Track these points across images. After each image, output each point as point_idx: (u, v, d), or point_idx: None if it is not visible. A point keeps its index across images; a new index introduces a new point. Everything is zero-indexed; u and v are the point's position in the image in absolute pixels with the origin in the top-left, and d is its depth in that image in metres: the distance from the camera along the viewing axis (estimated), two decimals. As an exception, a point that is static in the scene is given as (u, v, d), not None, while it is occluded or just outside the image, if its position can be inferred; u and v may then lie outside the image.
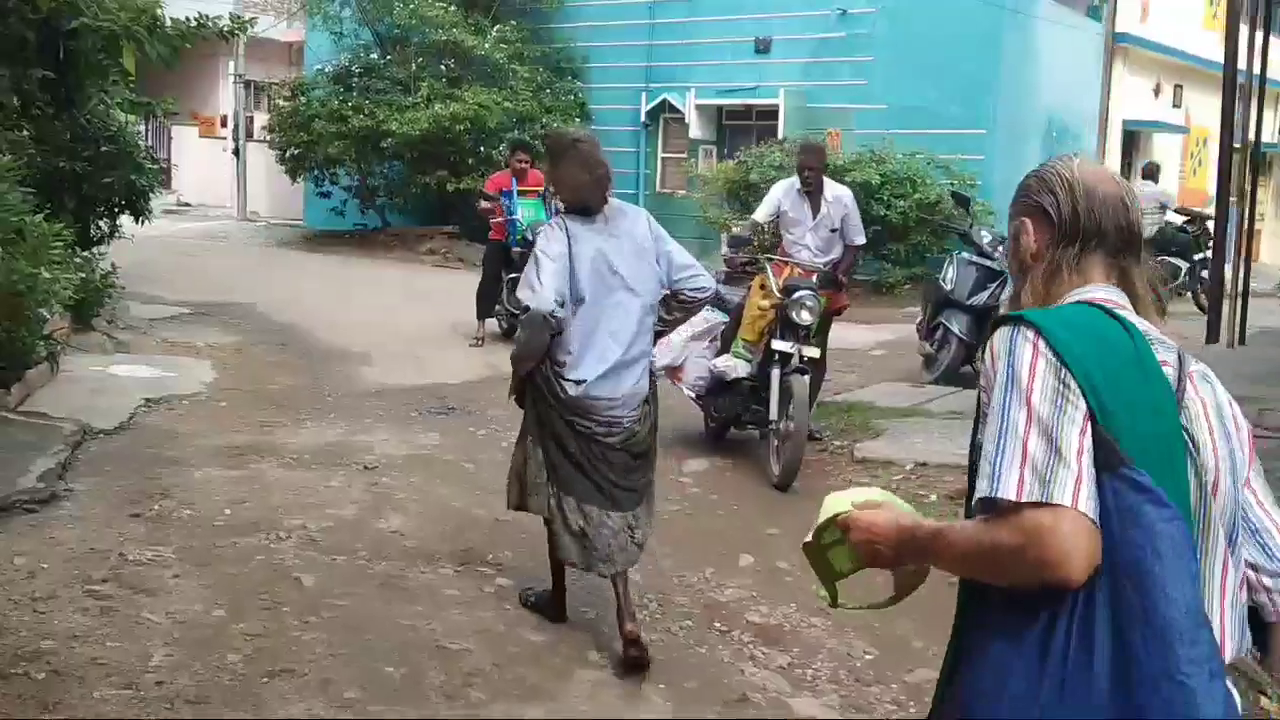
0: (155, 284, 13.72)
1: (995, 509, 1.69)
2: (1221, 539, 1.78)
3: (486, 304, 11.00)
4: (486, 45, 19.04)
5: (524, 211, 10.47)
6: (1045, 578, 1.63)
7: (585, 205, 4.23)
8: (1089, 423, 1.68)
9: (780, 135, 17.94)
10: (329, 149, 19.16)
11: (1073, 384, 1.69)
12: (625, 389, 4.20)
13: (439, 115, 18.15)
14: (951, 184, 15.47)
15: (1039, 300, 1.92)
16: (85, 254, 9.11)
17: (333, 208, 20.93)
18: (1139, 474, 1.66)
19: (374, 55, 19.79)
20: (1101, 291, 1.88)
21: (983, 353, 1.88)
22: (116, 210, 9.75)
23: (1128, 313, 1.85)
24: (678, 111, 19.61)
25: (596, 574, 4.32)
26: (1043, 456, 1.66)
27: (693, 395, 7.30)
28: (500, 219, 10.70)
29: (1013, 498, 1.65)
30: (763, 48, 18.96)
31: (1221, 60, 10.25)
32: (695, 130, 19.19)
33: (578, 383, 4.12)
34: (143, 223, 9.85)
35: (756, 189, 15.64)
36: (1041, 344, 1.73)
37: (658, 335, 4.53)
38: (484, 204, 11.02)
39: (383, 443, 7.02)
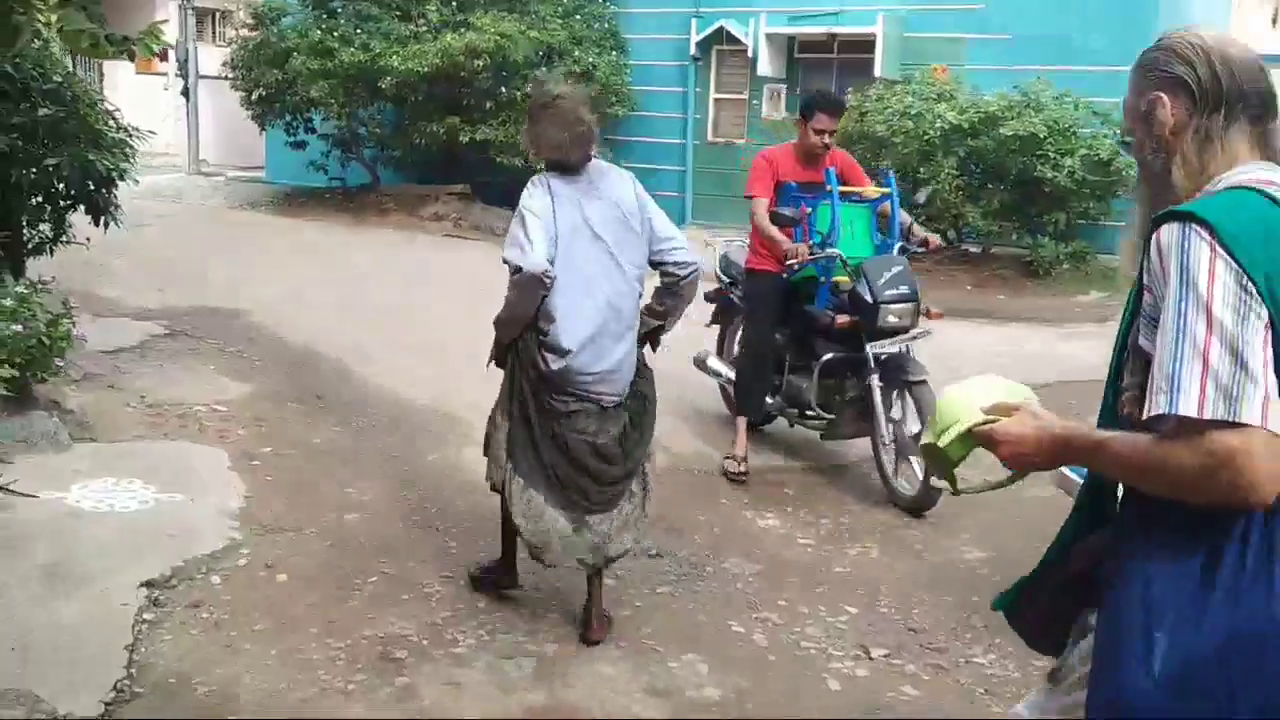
0: (106, 277, 10.15)
1: (1172, 425, 1.57)
2: None
3: (756, 392, 6.10)
4: (505, -40, 15.31)
5: (843, 231, 5.80)
6: (1233, 501, 1.55)
7: (565, 163, 3.89)
8: (1269, 332, 1.55)
9: (878, 72, 14.56)
10: (310, 90, 15.39)
11: (1253, 289, 1.55)
12: (609, 362, 3.87)
13: (450, 48, 14.49)
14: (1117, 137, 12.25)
15: (1193, 176, 1.79)
16: (19, 287, 5.52)
17: (311, 161, 17.16)
18: None
19: (365, -28, 15.90)
20: (1258, 170, 1.75)
21: (1147, 250, 1.71)
22: (65, 207, 6.16)
23: None
24: (738, 43, 16.05)
25: (545, 564, 4.03)
26: (1227, 370, 1.54)
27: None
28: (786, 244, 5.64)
29: (1194, 414, 1.54)
30: (848, -37, 15.45)
31: None
32: (764, 65, 15.66)
33: (562, 354, 3.81)
34: (107, 226, 6.30)
35: (884, 145, 12.31)
36: (1219, 245, 1.58)
37: (652, 334, 4.10)
38: (773, 225, 5.64)
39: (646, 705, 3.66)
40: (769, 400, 6.14)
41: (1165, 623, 1.62)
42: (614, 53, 16.36)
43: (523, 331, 3.88)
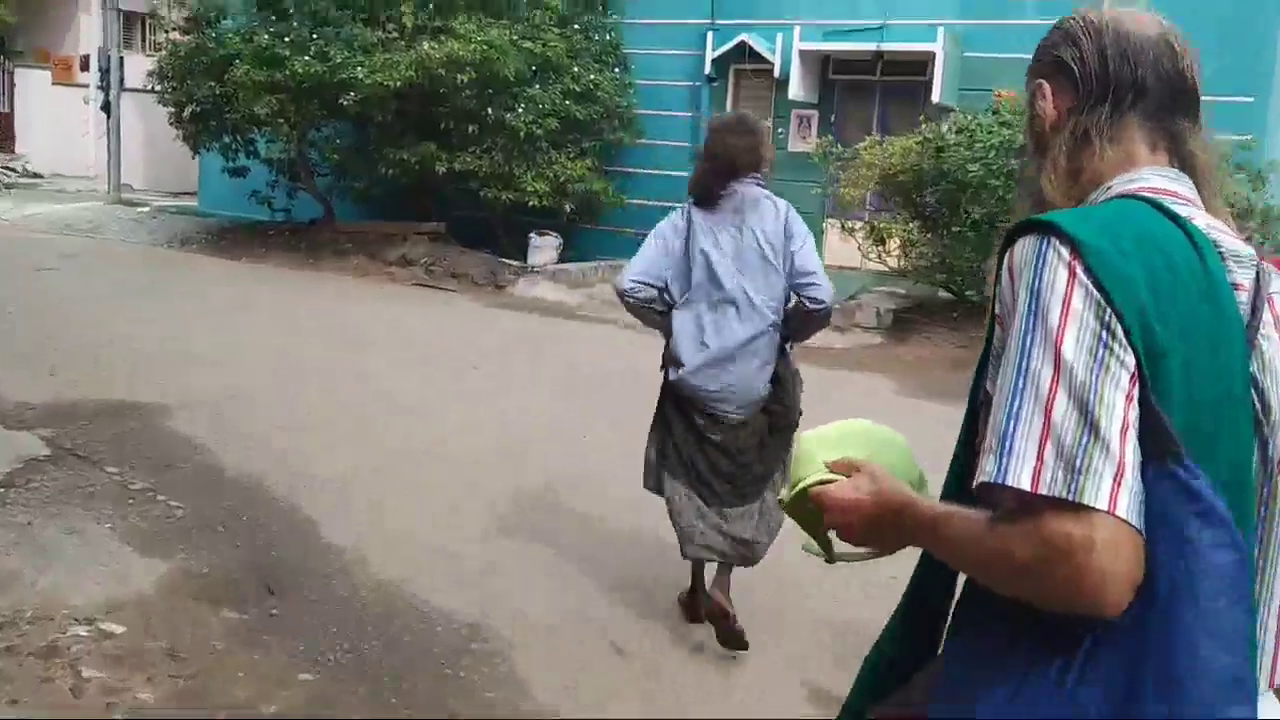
0: (-22, 354, 7.53)
1: (1003, 499, 1.24)
2: None
3: None
4: (493, -44, 12.82)
5: None
6: (1074, 605, 1.19)
7: (703, 193, 4.08)
8: (1137, 386, 1.21)
9: (936, 96, 12.30)
10: (254, 106, 12.77)
11: (1119, 330, 1.22)
12: (725, 384, 4.01)
13: (428, 58, 11.98)
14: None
15: (1063, 183, 1.46)
16: None
17: (253, 190, 14.55)
18: (1192, 473, 1.21)
19: (322, -33, 13.29)
20: (1157, 177, 1.41)
21: (999, 267, 1.36)
22: None
23: (1193, 210, 1.38)
24: (762, 61, 13.72)
25: (682, 555, 4.18)
26: (1073, 433, 1.20)
27: None
28: None
29: (1027, 487, 1.20)
30: (896, -31, 13.19)
31: None
32: (795, 87, 13.31)
33: (678, 367, 4.04)
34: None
35: (971, 188, 9.93)
36: (1079, 267, 1.24)
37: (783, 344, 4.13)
38: None
39: None
40: None
41: None
42: (617, 70, 13.95)
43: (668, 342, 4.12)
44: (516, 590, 4.64)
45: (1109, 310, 1.22)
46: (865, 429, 1.66)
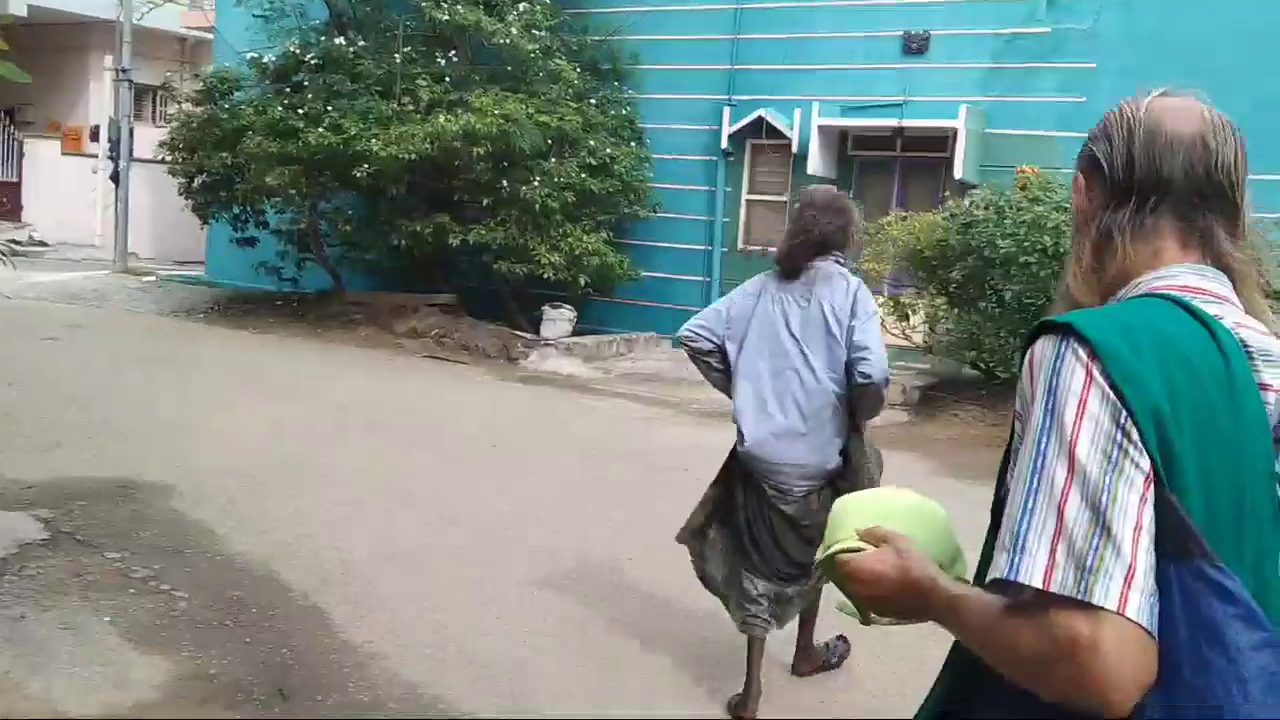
0: (-25, 431, 7.21)
1: (1016, 593, 1.23)
2: None
3: None
4: (512, 32, 12.68)
5: None
6: (1075, 702, 1.18)
7: (790, 267, 4.11)
8: (1152, 487, 1.20)
9: (959, 173, 12.12)
10: (266, 178, 12.59)
11: (1134, 433, 1.20)
12: (792, 457, 4.01)
13: (444, 131, 11.81)
14: None
15: (1089, 279, 1.44)
16: None
17: (261, 261, 14.35)
18: (1227, 575, 1.19)
19: (339, 41, 13.17)
20: (1187, 275, 1.38)
21: (1019, 365, 1.38)
22: None
23: (1224, 308, 1.35)
24: (779, 136, 13.57)
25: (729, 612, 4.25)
26: (1085, 533, 1.19)
27: None
28: None
29: (1039, 585, 1.19)
30: (915, 46, 13.10)
31: None
32: (814, 163, 13.11)
33: (743, 439, 4.08)
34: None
35: (999, 265, 9.65)
36: (1096, 369, 1.24)
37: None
38: None
39: None
40: None
41: None
42: (633, 143, 13.81)
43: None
44: (546, 689, 4.28)
45: (1124, 412, 1.21)
46: (905, 500, 1.62)
